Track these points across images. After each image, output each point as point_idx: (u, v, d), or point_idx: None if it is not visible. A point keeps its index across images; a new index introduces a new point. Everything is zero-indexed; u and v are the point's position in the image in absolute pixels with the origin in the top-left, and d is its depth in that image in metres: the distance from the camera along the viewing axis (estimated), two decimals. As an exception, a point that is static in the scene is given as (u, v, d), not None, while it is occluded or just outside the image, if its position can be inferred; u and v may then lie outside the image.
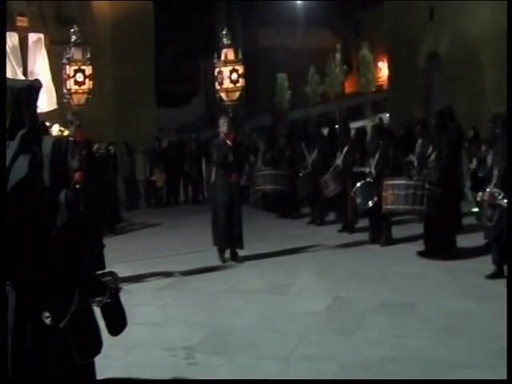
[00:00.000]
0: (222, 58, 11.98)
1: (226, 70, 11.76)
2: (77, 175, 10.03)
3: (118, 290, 4.07)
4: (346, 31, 65.69)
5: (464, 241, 11.10)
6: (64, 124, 15.64)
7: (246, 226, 11.64)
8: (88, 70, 10.50)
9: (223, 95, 11.88)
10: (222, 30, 12.36)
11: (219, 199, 11.45)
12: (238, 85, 11.77)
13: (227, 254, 11.48)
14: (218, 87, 11.97)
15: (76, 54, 10.53)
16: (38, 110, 12.19)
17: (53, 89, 16.68)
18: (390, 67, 32.18)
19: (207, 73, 67.71)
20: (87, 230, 4.21)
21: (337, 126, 17.53)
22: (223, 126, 11.42)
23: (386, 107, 35.93)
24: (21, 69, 15.89)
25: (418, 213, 10.68)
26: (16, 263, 3.64)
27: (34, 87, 4.00)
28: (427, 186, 10.15)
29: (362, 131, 14.28)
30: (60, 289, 3.61)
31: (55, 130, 16.13)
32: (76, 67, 10.43)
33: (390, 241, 12.09)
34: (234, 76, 11.70)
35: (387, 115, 30.18)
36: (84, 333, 3.79)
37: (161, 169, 20.99)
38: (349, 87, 62.88)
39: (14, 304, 3.73)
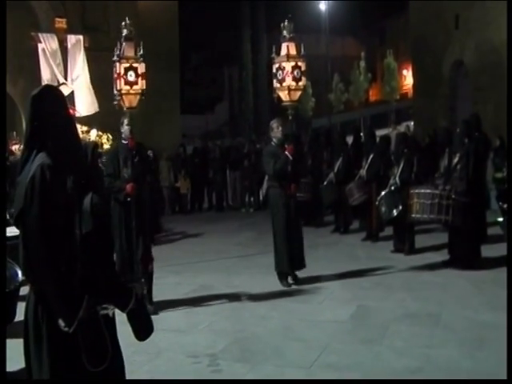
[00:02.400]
0: (284, 51, 10.42)
1: (288, 66, 10.22)
2: (128, 187, 8.84)
3: (143, 296, 4.10)
4: (370, 39, 65.68)
5: (489, 251, 11.02)
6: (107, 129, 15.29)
7: (270, 235, 11.55)
8: (141, 67, 9.13)
9: (283, 95, 10.42)
10: (285, 21, 10.65)
11: (275, 216, 10.26)
12: (300, 83, 10.29)
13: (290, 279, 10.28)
14: (276, 85, 10.48)
15: (127, 49, 9.11)
16: (77, 114, 12.14)
17: (92, 92, 16.63)
18: (414, 75, 32.05)
19: (231, 80, 68.08)
20: (110, 238, 4.23)
21: (361, 134, 17.47)
22: (277, 130, 10.29)
23: (410, 115, 35.81)
24: (62, 72, 15.88)
25: (443, 222, 10.61)
26: (33, 267, 3.68)
27: (50, 92, 4.00)
28: (453, 196, 10.10)
29: (386, 139, 14.25)
30: (70, 295, 3.63)
31: (93, 135, 16.12)
32: (127, 65, 9.04)
33: (414, 250, 12.04)
34: (297, 73, 10.21)
35: (412, 123, 30.06)
36: (92, 341, 3.81)
37: (184, 175, 21.00)
38: (373, 95, 62.83)
39: (32, 309, 3.78)
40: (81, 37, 16.66)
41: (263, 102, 59.58)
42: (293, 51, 10.37)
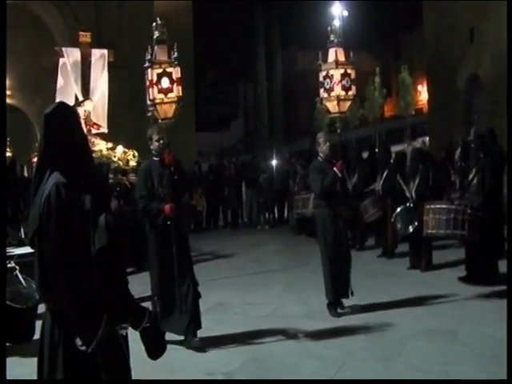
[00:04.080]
0: (331, 58, 9.42)
1: (336, 74, 9.23)
2: (167, 208, 7.86)
3: (157, 314, 4.08)
4: (385, 54, 65.73)
5: (506, 266, 10.92)
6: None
7: (288, 251, 11.52)
8: (175, 72, 8.23)
9: (331, 105, 9.44)
10: (332, 23, 9.77)
11: (324, 237, 9.37)
12: (349, 93, 9.36)
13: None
14: (323, 95, 9.47)
15: (160, 53, 8.25)
16: (102, 130, 11.91)
17: (106, 112, 16.56)
18: (429, 90, 32.01)
19: (246, 96, 68.26)
20: (122, 255, 4.23)
21: (377, 150, 17.42)
22: (324, 145, 9.49)
23: (425, 130, 35.72)
24: (79, 86, 15.85)
25: (460, 238, 10.53)
26: (52, 287, 3.67)
27: (63, 110, 3.99)
28: (469, 211, 10.01)
29: (401, 155, 14.19)
30: (89, 314, 3.62)
31: (119, 152, 16.02)
32: (160, 70, 8.16)
33: (431, 266, 11.97)
34: (346, 81, 9.27)
35: (427, 139, 29.99)
36: (111, 359, 3.79)
37: (200, 193, 21.03)
38: (388, 110, 62.76)
39: (49, 329, 3.76)
40: (105, 51, 16.60)
41: (278, 119, 59.70)
42: (341, 57, 9.46)
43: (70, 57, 15.79)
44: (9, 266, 7.17)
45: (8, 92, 26.14)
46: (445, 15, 27.17)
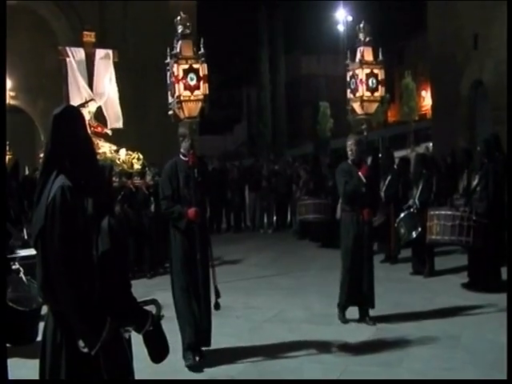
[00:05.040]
0: (358, 57, 9.15)
1: (361, 74, 8.98)
2: (191, 212, 7.46)
3: (160, 317, 4.08)
4: (388, 59, 65.70)
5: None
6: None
7: (291, 256, 11.49)
8: (202, 68, 7.78)
9: (356, 106, 9.22)
10: (362, 22, 9.37)
11: (345, 242, 9.15)
12: (376, 94, 9.05)
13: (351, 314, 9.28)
14: (350, 96, 9.28)
15: (185, 49, 7.76)
16: (105, 131, 11.92)
17: (119, 107, 16.58)
18: (433, 96, 31.93)
19: (249, 100, 68.21)
20: (126, 258, 4.22)
21: (380, 155, 17.40)
22: (349, 147, 9.20)
23: (429, 136, 35.66)
24: (86, 86, 15.87)
25: (464, 244, 10.51)
26: (55, 289, 3.67)
27: (71, 112, 3.99)
28: (474, 217, 9.99)
29: (405, 161, 14.18)
30: (92, 316, 3.62)
31: (122, 154, 16.02)
32: (186, 66, 7.63)
33: (433, 272, 11.96)
34: (372, 82, 8.99)
35: (431, 144, 29.92)
36: (114, 362, 3.79)
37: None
38: (391, 116, 62.71)
39: (51, 331, 3.76)
40: (110, 51, 16.57)
41: (281, 123, 59.66)
42: (368, 57, 9.17)
43: (75, 56, 15.80)
44: (13, 267, 7.18)
45: (11, 93, 26.17)
46: (449, 21, 27.12)
